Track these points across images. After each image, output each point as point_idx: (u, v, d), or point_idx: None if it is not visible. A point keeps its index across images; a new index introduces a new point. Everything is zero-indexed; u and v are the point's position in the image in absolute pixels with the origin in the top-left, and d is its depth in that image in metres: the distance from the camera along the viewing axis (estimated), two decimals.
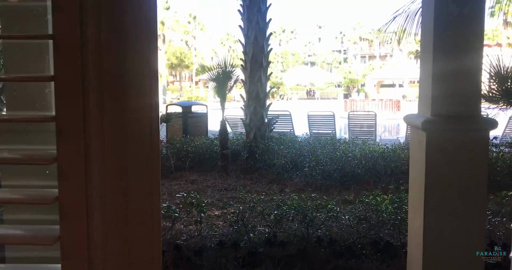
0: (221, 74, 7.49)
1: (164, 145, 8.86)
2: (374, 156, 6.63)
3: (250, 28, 7.79)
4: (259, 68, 7.84)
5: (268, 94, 8.08)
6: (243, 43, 8.00)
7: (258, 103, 7.92)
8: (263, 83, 7.91)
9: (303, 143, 7.70)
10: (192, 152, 7.85)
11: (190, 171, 7.60)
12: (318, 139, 7.98)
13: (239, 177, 7.22)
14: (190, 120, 9.32)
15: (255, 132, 7.89)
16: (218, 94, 7.51)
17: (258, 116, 7.93)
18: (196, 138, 8.48)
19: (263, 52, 7.89)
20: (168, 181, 7.05)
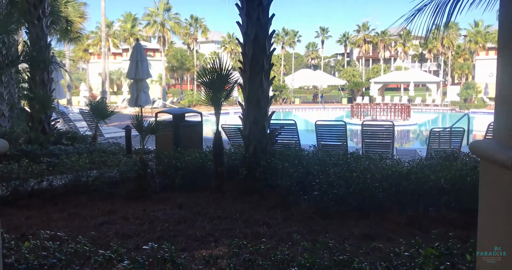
0: (215, 78, 6.38)
1: (150, 158, 7.77)
2: (397, 177, 5.50)
3: (250, 25, 6.68)
4: (260, 71, 6.74)
5: (271, 101, 6.97)
6: (242, 42, 6.89)
7: (259, 111, 6.81)
8: (264, 88, 6.81)
9: (312, 159, 6.57)
10: (182, 168, 6.74)
11: (179, 192, 6.50)
12: (328, 153, 6.85)
13: (236, 199, 6.10)
14: (183, 130, 8.22)
15: (255, 145, 6.78)
16: (212, 102, 6.40)
17: (258, 126, 6.82)
18: (188, 151, 7.37)
19: (265, 52, 6.79)
20: (152, 205, 5.95)
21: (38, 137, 9.24)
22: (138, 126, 7.03)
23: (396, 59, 78.81)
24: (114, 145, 9.75)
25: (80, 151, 8.82)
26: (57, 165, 6.66)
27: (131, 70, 10.39)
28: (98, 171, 6.79)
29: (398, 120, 22.50)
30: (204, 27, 57.83)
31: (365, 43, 64.24)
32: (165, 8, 43.80)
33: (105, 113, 9.75)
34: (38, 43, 9.37)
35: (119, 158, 7.24)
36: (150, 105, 22.67)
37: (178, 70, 51.31)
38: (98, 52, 50.94)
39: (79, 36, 22.72)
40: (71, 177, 6.55)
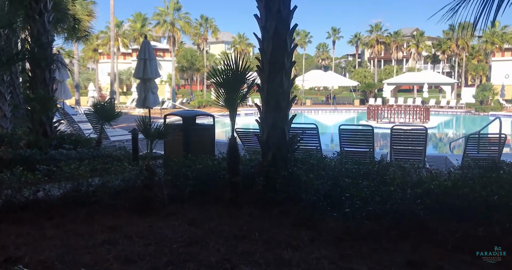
0: (230, 77, 5.69)
1: (158, 165, 7.10)
2: (441, 192, 4.77)
3: (269, 18, 5.98)
4: (280, 70, 6.04)
5: (291, 103, 6.27)
6: (260, 37, 6.20)
7: (279, 114, 6.11)
8: (284, 89, 6.10)
9: (339, 168, 5.85)
10: (193, 177, 6.05)
11: (189, 204, 5.81)
12: (356, 162, 6.12)
13: (254, 214, 5.40)
14: (193, 134, 7.54)
15: (274, 152, 6.08)
16: (226, 103, 5.71)
17: (278, 131, 6.12)
18: (199, 158, 6.69)
19: (285, 49, 6.08)
20: (159, 220, 5.26)
21: (38, 141, 8.61)
22: (144, 130, 6.36)
23: (408, 60, 77.76)
24: (120, 149, 9.11)
25: (83, 156, 8.18)
26: (54, 173, 6.00)
27: (139, 69, 9.76)
28: (101, 179, 6.13)
29: (417, 123, 21.68)
30: (214, 27, 57.30)
31: (378, 44, 63.21)
32: (175, 7, 43.25)
33: (111, 114, 9.11)
34: (40, 40, 8.76)
35: (124, 165, 6.57)
36: (159, 106, 22.07)
37: (187, 71, 50.83)
38: (108, 52, 50.53)
39: (87, 35, 22.20)
40: (70, 187, 5.88)
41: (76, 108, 26.60)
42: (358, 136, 7.86)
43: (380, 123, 22.26)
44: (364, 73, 62.17)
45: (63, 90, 14.93)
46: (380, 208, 4.71)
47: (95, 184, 6.02)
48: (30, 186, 5.70)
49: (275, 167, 5.91)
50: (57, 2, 16.12)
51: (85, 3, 20.67)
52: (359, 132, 7.91)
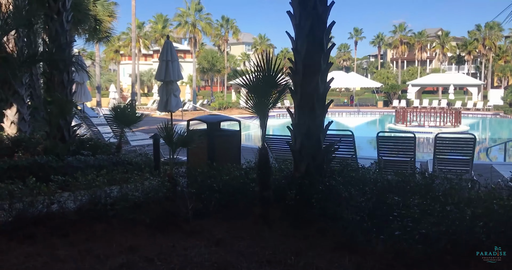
0: (261, 80, 5.15)
1: (181, 173, 6.60)
2: (506, 213, 4.14)
3: (304, 15, 5.43)
4: (316, 72, 5.48)
5: (327, 108, 5.70)
6: (293, 36, 5.64)
7: (313, 121, 5.55)
8: (320, 93, 5.54)
9: (380, 181, 5.25)
10: (219, 190, 5.53)
11: (215, 220, 5.29)
12: (400, 174, 5.49)
13: (287, 234, 4.85)
14: (218, 141, 7.01)
15: (308, 163, 5.52)
16: (256, 109, 5.17)
17: (312, 140, 5.56)
18: (225, 167, 6.17)
19: (322, 48, 5.52)
20: (182, 239, 4.75)
21: (55, 146, 8.21)
22: (167, 138, 5.87)
23: (432, 61, 76.21)
24: (141, 155, 8.64)
25: (102, 163, 7.73)
26: (70, 184, 5.54)
27: (161, 71, 9.30)
28: (120, 189, 5.64)
29: (448, 126, 20.80)
30: (235, 28, 56.97)
31: (402, 44, 61.98)
32: (197, 8, 42.96)
33: (131, 119, 8.65)
34: (58, 40, 8.36)
35: (145, 176, 6.08)
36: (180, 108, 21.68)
37: (208, 72, 50.51)
38: (129, 53, 50.60)
39: (108, 36, 21.95)
40: (86, 199, 5.41)
41: (97, 109, 26.41)
42: (398, 144, 7.23)
43: (409, 126, 21.43)
44: (387, 74, 60.95)
45: (83, 92, 14.61)
46: (434, 230, 4.10)
47: (113, 196, 5.55)
48: (43, 198, 5.24)
49: (310, 179, 5.35)
50: (78, 3, 15.83)
51: (106, 4, 20.40)
52: (400, 140, 7.28)
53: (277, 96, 5.22)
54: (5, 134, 10.90)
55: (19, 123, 11.19)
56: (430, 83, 49.51)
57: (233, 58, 69.35)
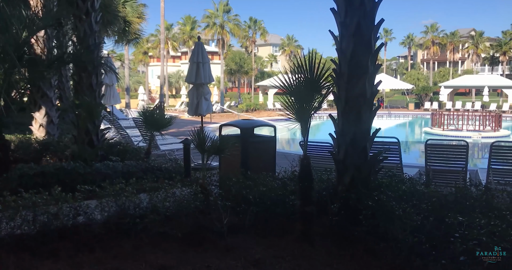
0: (302, 83, 4.70)
1: (213, 182, 6.19)
2: None
3: (350, 12, 4.95)
4: (363, 74, 4.99)
5: (374, 114, 5.20)
6: (337, 35, 5.17)
7: (360, 128, 5.06)
8: (367, 98, 5.05)
9: (435, 195, 4.72)
10: (256, 203, 5.10)
11: (252, 236, 4.86)
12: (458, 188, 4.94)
13: (332, 253, 4.39)
14: (252, 148, 6.59)
15: (353, 174, 5.03)
16: (297, 115, 4.71)
17: (358, 148, 5.07)
18: (259, 175, 5.74)
19: (369, 49, 5.03)
20: (217, 258, 4.33)
21: (83, 151, 7.93)
22: (199, 145, 5.48)
23: (464, 62, 74.26)
24: (171, 161, 8.29)
25: (130, 169, 7.41)
26: (97, 194, 5.20)
27: (191, 73, 8.93)
28: (149, 200, 5.27)
29: (488, 130, 19.85)
30: (263, 29, 56.58)
31: (433, 45, 60.45)
32: (225, 9, 42.73)
33: (161, 123, 8.31)
34: (86, 41, 8.07)
35: (177, 185, 5.70)
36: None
37: (236, 73, 50.25)
38: (158, 55, 50.79)
39: (138, 38, 21.88)
40: (114, 210, 5.06)
41: (126, 111, 26.38)
42: (449, 152, 6.66)
43: (446, 130, 20.56)
44: (417, 75, 59.54)
45: (112, 94, 14.41)
46: (505, 256, 3.58)
47: (142, 207, 5.18)
48: (69, 209, 4.91)
49: (355, 192, 4.86)
50: (107, 4, 15.72)
51: (135, 5, 20.29)
52: (451, 148, 6.71)
53: (320, 100, 4.75)
54: (34, 137, 10.74)
55: (48, 126, 11.04)
56: (464, 84, 47.99)
57: (260, 59, 69.02)
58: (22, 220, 4.64)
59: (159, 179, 6.53)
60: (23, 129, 11.74)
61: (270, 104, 41.11)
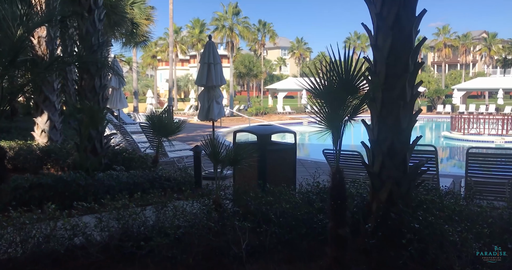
0: (335, 83, 4.02)
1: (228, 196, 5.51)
2: None
3: (388, 2, 4.28)
4: (403, 74, 4.31)
5: (415, 119, 4.52)
6: (372, 29, 4.50)
7: (398, 136, 4.38)
8: (407, 101, 4.37)
9: (490, 215, 4.03)
10: (278, 221, 4.43)
11: (274, 262, 4.18)
12: None
13: None
14: (271, 157, 5.92)
15: (391, 189, 4.34)
16: (328, 122, 4.03)
17: (397, 159, 4.38)
18: (282, 192, 5.07)
19: (410, 45, 4.35)
20: None
21: (86, 160, 7.31)
22: (213, 155, 4.82)
23: (475, 64, 73.09)
24: (180, 170, 7.64)
25: (136, 180, 6.78)
26: (97, 211, 4.56)
27: (202, 75, 8.28)
28: (156, 218, 4.63)
29: (511, 135, 19.00)
30: (272, 32, 55.99)
31: (445, 47, 59.48)
32: (234, 11, 42.15)
33: (169, 129, 7.67)
34: (89, 41, 7.47)
35: (186, 198, 5.04)
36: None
37: (245, 77, 49.64)
38: (166, 58, 50.35)
39: (146, 40, 21.39)
40: (116, 231, 4.41)
41: (134, 115, 25.82)
42: (493, 162, 5.96)
43: (467, 134, 19.74)
44: (428, 78, 58.58)
45: (119, 98, 13.82)
46: None
47: (148, 226, 4.54)
48: (64, 230, 4.27)
49: (394, 211, 4.18)
50: (114, 5, 15.19)
51: (143, 7, 19.77)
52: (495, 157, 6.00)
53: (356, 104, 4.07)
54: (35, 143, 10.17)
55: (50, 131, 10.46)
56: (477, 87, 47.00)
57: (269, 62, 68.39)
58: (8, 243, 4.01)
59: (167, 191, 5.90)
60: (26, 135, 11.19)
61: (280, 108, 40.46)
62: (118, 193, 5.43)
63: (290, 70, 78.87)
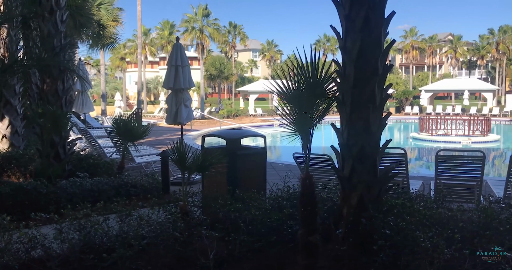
0: (303, 86, 3.92)
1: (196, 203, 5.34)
2: None
3: (356, 3, 4.21)
4: (372, 76, 4.25)
5: (385, 123, 4.46)
6: (341, 31, 4.42)
7: (368, 140, 4.31)
8: (377, 105, 4.31)
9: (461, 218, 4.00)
10: (248, 230, 4.30)
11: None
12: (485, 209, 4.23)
13: None
14: (240, 161, 5.78)
15: (361, 194, 4.27)
16: (297, 126, 3.93)
17: (367, 164, 4.32)
18: (252, 198, 4.94)
19: (379, 47, 4.30)
20: None
21: (48, 167, 7.02)
22: (179, 161, 4.66)
23: (441, 66, 74.76)
24: (147, 176, 7.42)
25: (101, 187, 6.54)
26: (57, 222, 4.33)
27: (169, 77, 8.09)
28: (120, 228, 4.44)
29: (477, 135, 19.40)
30: (243, 34, 56.00)
31: (413, 49, 60.63)
32: (204, 13, 41.89)
33: (136, 133, 7.45)
34: (51, 43, 7.19)
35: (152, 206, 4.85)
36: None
37: (216, 79, 49.42)
38: (135, 60, 49.65)
39: (113, 42, 20.94)
40: (77, 242, 4.19)
41: (102, 119, 25.26)
42: (462, 164, 5.97)
43: (435, 135, 20.05)
44: (396, 80, 59.57)
45: (85, 102, 13.45)
46: None
47: (112, 236, 4.33)
48: (20, 244, 4.03)
49: (366, 216, 4.10)
50: (80, 6, 14.79)
51: (110, 9, 19.40)
52: (464, 159, 6.02)
53: (324, 108, 3.98)
54: None
55: (12, 137, 10.05)
56: (444, 88, 48.09)
57: (240, 65, 68.32)
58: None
59: (132, 199, 5.68)
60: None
61: (251, 110, 40.40)
62: (81, 201, 5.19)
63: (262, 72, 78.98)
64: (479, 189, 5.60)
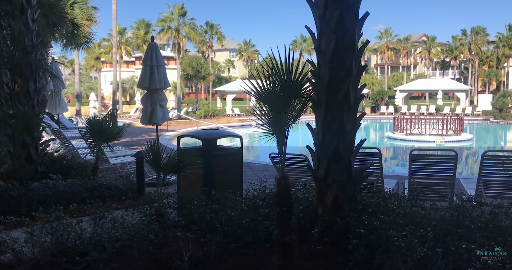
0: (277, 87, 3.93)
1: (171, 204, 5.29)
2: None
3: (331, 4, 4.23)
4: (346, 78, 4.27)
5: (359, 123, 4.49)
6: (315, 32, 4.44)
7: (343, 140, 4.34)
8: (351, 105, 4.34)
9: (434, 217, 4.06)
10: (223, 231, 4.28)
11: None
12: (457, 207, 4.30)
13: None
14: (216, 162, 5.75)
15: (336, 193, 4.29)
16: (272, 127, 3.93)
17: (342, 163, 4.35)
18: (228, 198, 4.92)
19: (353, 47, 4.33)
20: None
21: (20, 168, 6.86)
22: (154, 162, 4.61)
23: (416, 66, 76.02)
24: (122, 178, 7.32)
25: (74, 189, 6.43)
26: (28, 225, 4.23)
27: (144, 77, 8.01)
28: (93, 230, 4.37)
29: (451, 134, 19.76)
30: (220, 34, 55.86)
31: (388, 50, 61.46)
32: (180, 13, 41.60)
33: (110, 134, 7.35)
34: (22, 42, 7.03)
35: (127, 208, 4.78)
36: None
37: (193, 79, 49.14)
38: (110, 60, 49.02)
39: (88, 41, 20.62)
40: (49, 246, 4.11)
41: (76, 119, 24.85)
42: (436, 164, 6.07)
43: (409, 135, 20.36)
44: (372, 80, 60.33)
45: (58, 102, 13.21)
46: None
47: (85, 239, 4.26)
48: None
49: (341, 215, 4.13)
50: (53, 4, 14.51)
51: (85, 8, 19.11)
52: (438, 159, 6.12)
53: (299, 109, 4.00)
54: None
55: None
56: (418, 88, 48.95)
57: (217, 65, 68.13)
58: None
59: (107, 201, 5.60)
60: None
61: (229, 110, 40.34)
62: (54, 203, 5.09)
63: (239, 72, 78.91)
64: (452, 188, 5.70)
